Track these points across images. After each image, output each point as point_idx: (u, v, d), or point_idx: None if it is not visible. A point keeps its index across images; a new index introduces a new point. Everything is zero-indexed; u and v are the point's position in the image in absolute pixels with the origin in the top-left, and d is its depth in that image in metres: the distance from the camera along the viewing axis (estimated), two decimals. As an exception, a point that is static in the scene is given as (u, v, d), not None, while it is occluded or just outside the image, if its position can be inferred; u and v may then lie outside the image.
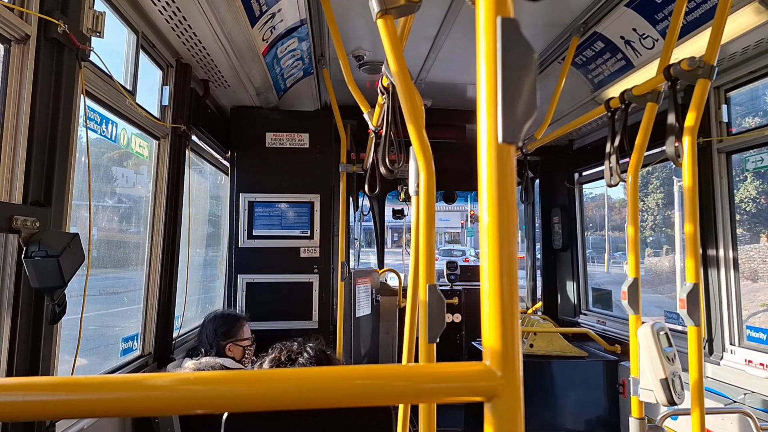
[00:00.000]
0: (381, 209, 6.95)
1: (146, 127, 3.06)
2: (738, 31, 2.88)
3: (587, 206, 6.05)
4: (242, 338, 3.37)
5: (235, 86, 4.01)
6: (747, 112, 3.90)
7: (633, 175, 2.84)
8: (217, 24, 2.92)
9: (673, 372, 2.62)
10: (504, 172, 0.67)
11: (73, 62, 2.04)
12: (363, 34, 3.86)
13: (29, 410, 0.66)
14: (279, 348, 2.28)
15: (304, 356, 2.21)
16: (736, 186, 3.87)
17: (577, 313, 5.51)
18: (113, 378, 0.68)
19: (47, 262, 1.76)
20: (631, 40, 3.50)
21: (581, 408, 4.36)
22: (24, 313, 1.86)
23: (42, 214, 1.88)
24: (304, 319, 4.44)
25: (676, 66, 2.45)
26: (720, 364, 3.39)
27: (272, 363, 2.22)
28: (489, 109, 0.68)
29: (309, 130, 4.56)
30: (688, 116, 2.42)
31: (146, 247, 3.27)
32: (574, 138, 5.46)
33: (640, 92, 2.82)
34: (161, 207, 3.29)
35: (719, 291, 3.46)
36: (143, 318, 3.24)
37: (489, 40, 0.69)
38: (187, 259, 3.72)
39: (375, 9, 1.44)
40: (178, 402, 0.68)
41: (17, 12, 1.81)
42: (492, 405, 0.66)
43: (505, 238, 0.67)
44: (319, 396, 0.68)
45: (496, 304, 0.66)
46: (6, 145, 1.83)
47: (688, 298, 2.39)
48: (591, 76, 4.15)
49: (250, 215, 4.46)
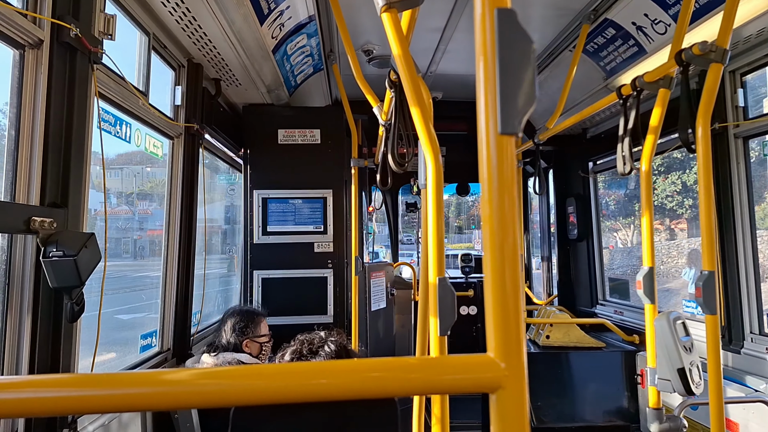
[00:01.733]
0: (394, 203, 6.95)
1: (160, 127, 3.10)
2: (753, 14, 2.82)
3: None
4: (260, 334, 3.40)
5: (246, 84, 4.04)
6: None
7: (646, 163, 2.81)
8: (226, 23, 2.94)
9: (691, 362, 2.59)
10: (504, 163, 0.67)
11: (85, 65, 2.07)
12: (371, 28, 3.85)
13: (51, 406, 0.68)
14: (300, 341, 2.30)
15: (325, 350, 2.23)
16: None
17: (594, 304, 5.47)
18: (132, 374, 0.70)
19: (65, 262, 1.80)
20: (642, 26, 3.45)
21: (600, 399, 4.33)
22: (44, 312, 1.90)
23: (59, 214, 1.92)
24: (319, 314, 4.47)
25: (687, 51, 2.41)
26: (740, 353, 3.35)
27: (294, 355, 2.24)
28: (488, 100, 0.68)
29: (320, 126, 4.58)
30: (702, 102, 2.38)
31: (163, 245, 3.32)
32: (588, 126, 5.41)
33: (652, 78, 2.78)
34: (176, 205, 3.33)
35: (738, 279, 3.41)
36: (161, 315, 3.29)
37: (487, 32, 0.69)
38: (204, 256, 3.76)
39: (379, 3, 1.44)
40: (196, 396, 0.69)
41: (30, 17, 1.84)
42: (497, 396, 0.66)
43: (506, 230, 0.67)
44: (324, 389, 0.69)
45: (498, 296, 0.67)
46: (23, 148, 1.86)
47: (704, 286, 2.36)
48: (603, 64, 4.10)
49: (264, 212, 4.50)
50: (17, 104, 1.87)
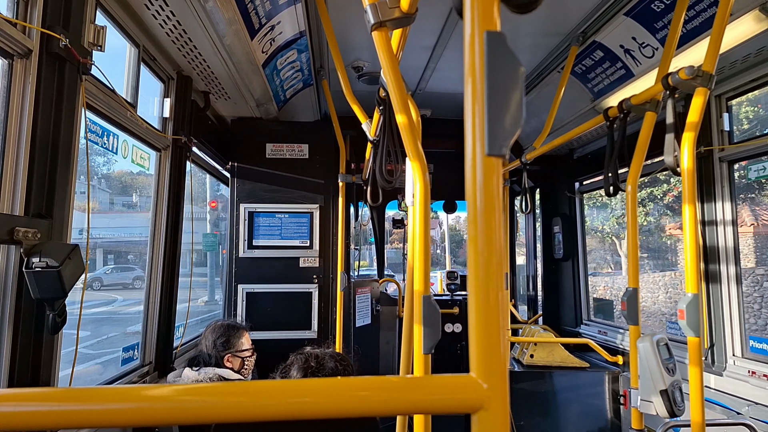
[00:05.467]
0: (381, 219, 6.95)
1: (147, 139, 3.08)
2: (739, 39, 2.87)
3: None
4: (241, 349, 3.37)
5: (235, 98, 4.04)
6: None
7: (632, 185, 2.84)
8: (216, 37, 2.95)
9: (674, 383, 2.60)
10: (490, 183, 0.68)
11: (74, 76, 2.06)
12: (362, 45, 3.88)
13: (29, 420, 0.67)
14: (305, 356, 2.30)
15: (331, 363, 2.24)
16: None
17: (579, 324, 5.49)
18: (114, 389, 0.69)
19: (48, 273, 1.78)
20: (630, 49, 3.51)
21: (583, 419, 4.33)
22: (25, 323, 1.87)
23: (43, 225, 1.90)
24: (304, 329, 4.45)
25: (674, 75, 2.44)
26: (723, 375, 3.37)
27: (302, 372, 2.24)
28: (475, 121, 0.69)
29: (309, 141, 4.60)
30: (687, 125, 2.41)
31: (147, 257, 3.29)
32: (575, 147, 5.46)
33: (639, 101, 2.82)
34: (162, 216, 3.30)
35: (721, 301, 3.44)
36: (144, 327, 3.25)
37: (476, 54, 0.70)
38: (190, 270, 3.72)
39: (370, 21, 1.46)
40: (178, 413, 0.68)
41: (20, 27, 1.84)
42: (478, 417, 0.66)
43: (491, 250, 0.67)
44: (308, 407, 0.69)
45: (482, 316, 0.67)
46: (8, 157, 1.85)
47: (688, 308, 2.38)
48: (590, 85, 4.16)
49: (250, 225, 4.49)
50: (4, 113, 1.86)
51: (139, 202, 12.03)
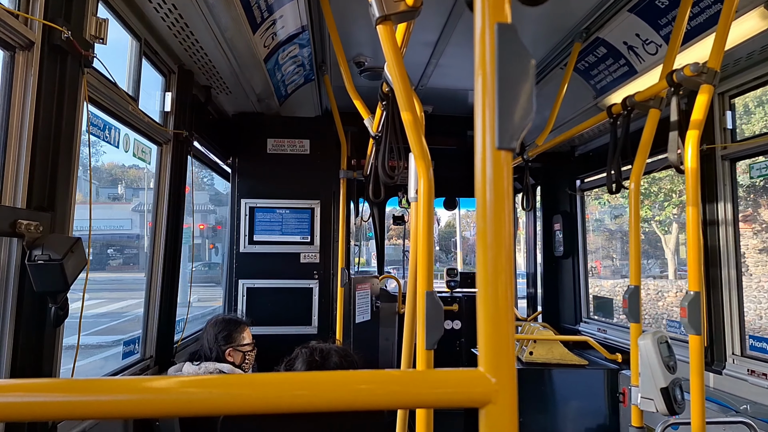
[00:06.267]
0: (381, 215, 6.95)
1: (148, 133, 3.08)
2: (743, 36, 2.85)
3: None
4: (242, 343, 3.37)
5: (236, 92, 4.03)
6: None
7: (635, 183, 2.83)
8: (218, 31, 2.94)
9: (674, 381, 2.60)
10: (500, 177, 0.67)
11: (76, 69, 2.05)
12: (364, 40, 3.87)
13: (31, 411, 0.67)
14: (310, 350, 2.29)
15: (335, 357, 2.24)
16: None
17: (578, 321, 5.49)
18: (115, 380, 0.68)
19: (50, 266, 1.77)
20: (634, 46, 3.49)
21: (581, 417, 4.33)
22: (27, 316, 1.87)
23: (45, 218, 1.89)
24: (304, 325, 4.45)
25: (679, 72, 2.42)
26: (722, 373, 3.37)
27: (306, 365, 2.23)
28: (486, 114, 0.68)
29: (310, 137, 4.59)
30: (692, 123, 2.39)
31: (148, 251, 3.28)
32: (577, 144, 5.46)
33: (643, 98, 2.80)
34: (163, 211, 3.30)
35: (722, 300, 3.43)
36: (144, 321, 3.25)
37: (486, 46, 0.69)
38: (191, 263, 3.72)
39: (375, 15, 1.44)
40: (179, 404, 0.68)
41: (21, 19, 1.83)
42: (486, 411, 0.65)
43: (500, 244, 0.67)
44: (314, 399, 0.68)
45: (491, 311, 0.66)
46: (10, 150, 1.84)
47: (689, 306, 2.37)
48: (593, 82, 4.15)
49: (251, 220, 4.49)
50: (6, 106, 1.85)
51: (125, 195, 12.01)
